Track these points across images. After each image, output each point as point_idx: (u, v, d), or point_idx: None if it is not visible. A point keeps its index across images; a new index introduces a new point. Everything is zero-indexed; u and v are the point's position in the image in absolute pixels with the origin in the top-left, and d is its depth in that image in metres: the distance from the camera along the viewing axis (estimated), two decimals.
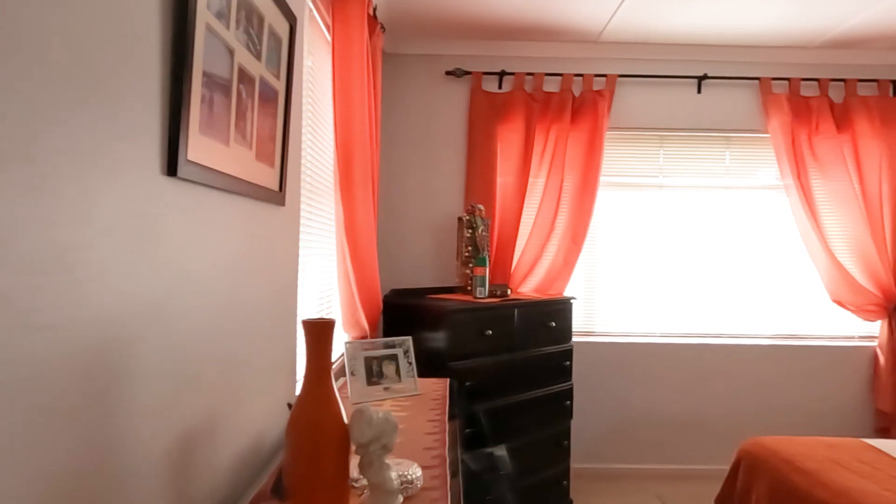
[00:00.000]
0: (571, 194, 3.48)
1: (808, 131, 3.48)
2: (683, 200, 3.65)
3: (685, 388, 3.55)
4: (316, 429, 0.96)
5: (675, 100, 3.57)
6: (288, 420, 0.98)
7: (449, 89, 3.54)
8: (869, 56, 3.53)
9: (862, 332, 3.62)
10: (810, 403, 3.55)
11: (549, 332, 2.96)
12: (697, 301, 3.64)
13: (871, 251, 3.43)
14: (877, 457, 2.32)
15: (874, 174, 3.48)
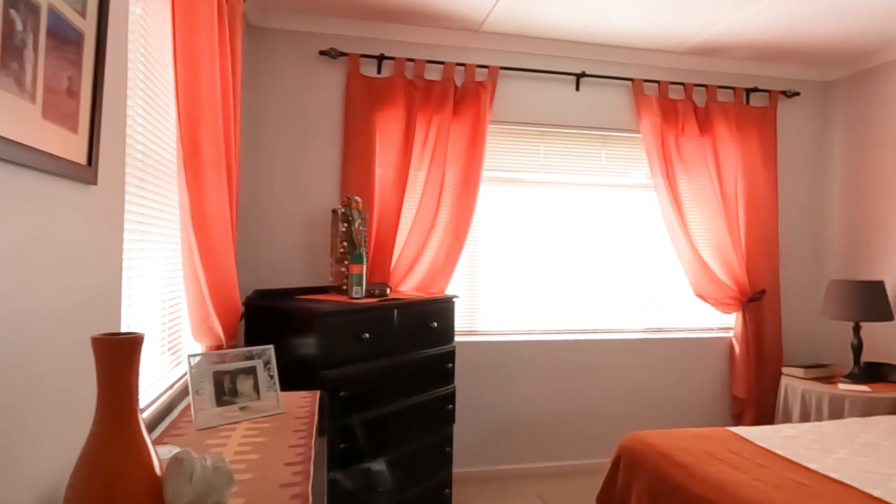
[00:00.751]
0: (453, 188, 3.34)
1: (675, 133, 3.63)
2: (563, 197, 3.66)
3: (564, 385, 3.55)
4: (111, 489, 0.68)
5: (555, 96, 3.56)
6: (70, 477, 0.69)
7: (323, 71, 3.24)
8: (727, 64, 3.75)
9: (720, 324, 3.85)
10: (677, 393, 3.71)
11: (431, 333, 2.78)
12: (576, 297, 3.67)
13: (728, 248, 3.64)
14: (743, 445, 2.41)
15: (731, 175, 3.70)
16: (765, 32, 3.29)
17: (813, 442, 2.48)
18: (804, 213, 3.95)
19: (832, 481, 2.03)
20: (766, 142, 3.77)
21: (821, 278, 3.94)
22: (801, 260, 3.94)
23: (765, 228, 3.75)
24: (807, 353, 3.92)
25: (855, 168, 3.75)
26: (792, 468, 2.16)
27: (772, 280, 3.76)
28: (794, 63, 3.79)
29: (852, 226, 3.75)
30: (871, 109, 3.65)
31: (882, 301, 3.26)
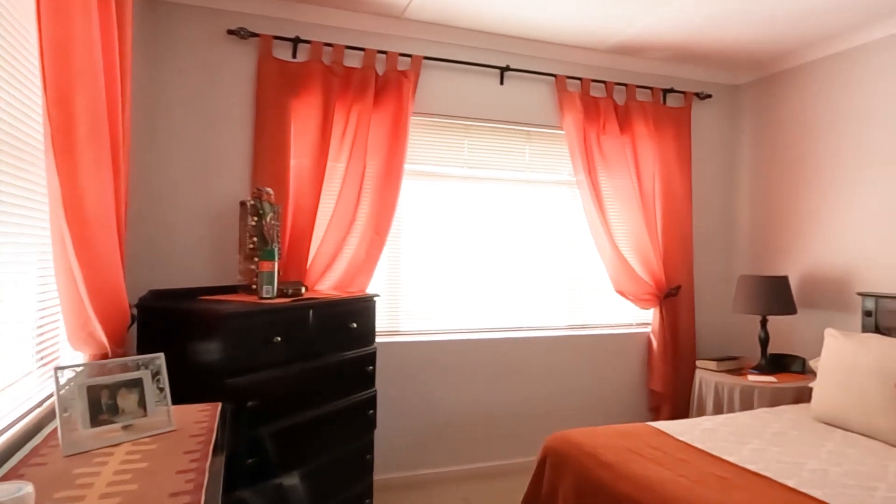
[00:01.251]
0: (374, 182, 3.18)
1: (596, 130, 3.65)
2: (487, 193, 3.59)
3: (488, 384, 3.48)
4: None
5: (480, 89, 3.48)
6: None
7: (232, 52, 2.99)
8: (645, 65, 3.82)
9: (639, 320, 3.92)
10: (599, 388, 3.74)
11: (351, 334, 2.61)
12: (500, 295, 3.61)
13: (646, 245, 3.71)
14: (665, 441, 2.42)
15: (649, 174, 3.78)
16: (680, 34, 3.36)
17: (729, 434, 2.53)
18: (716, 211, 4.10)
19: (750, 473, 2.06)
20: (681, 141, 3.87)
21: (731, 274, 4.11)
22: (714, 256, 4.09)
23: (680, 226, 3.85)
24: (719, 346, 4.08)
25: (761, 168, 3.93)
26: (712, 462, 2.17)
27: (687, 276, 3.87)
28: (706, 66, 3.92)
29: (760, 223, 3.93)
30: (775, 113, 3.83)
31: (786, 295, 3.42)
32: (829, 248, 3.45)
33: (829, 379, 2.73)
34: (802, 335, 3.58)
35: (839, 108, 3.40)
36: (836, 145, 3.42)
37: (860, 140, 3.29)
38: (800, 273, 3.62)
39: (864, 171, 3.27)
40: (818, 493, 1.90)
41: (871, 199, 3.23)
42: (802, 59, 3.61)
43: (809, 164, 3.58)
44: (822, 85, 3.51)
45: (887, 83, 3.15)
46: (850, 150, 3.34)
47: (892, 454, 2.31)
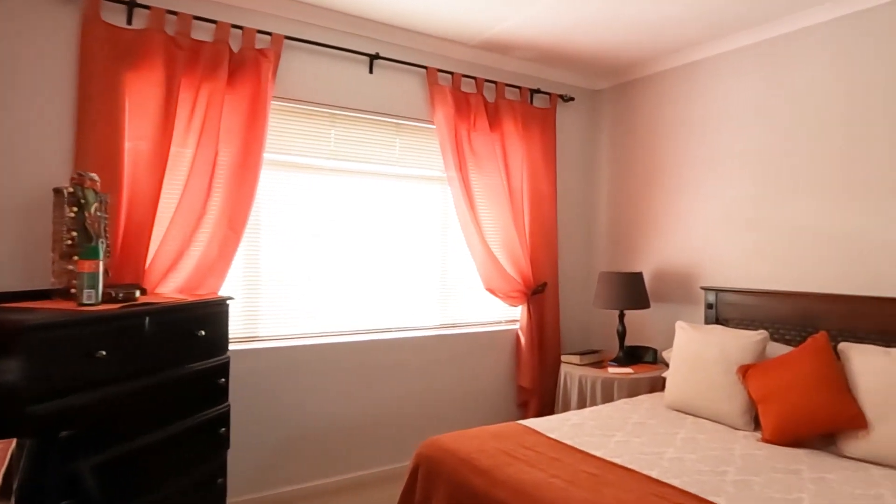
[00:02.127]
0: (229, 171, 2.84)
1: (467, 126, 3.60)
2: (355, 187, 3.39)
3: (357, 389, 3.29)
4: None
5: (348, 76, 3.27)
6: None
7: (47, 12, 2.50)
8: (514, 64, 3.85)
9: (508, 317, 3.95)
10: (470, 387, 3.70)
11: (198, 343, 2.29)
12: (368, 295, 3.43)
13: (515, 243, 3.74)
14: (536, 439, 2.40)
15: (518, 172, 3.81)
16: (545, 36, 3.41)
17: (595, 427, 2.58)
18: (578, 210, 4.26)
19: (618, 468, 2.09)
20: (547, 142, 3.96)
21: (592, 271, 4.30)
22: (576, 254, 4.25)
23: (546, 224, 3.94)
24: (581, 340, 4.24)
25: (619, 171, 4.14)
26: (582, 458, 2.18)
27: (552, 273, 3.97)
28: (570, 69, 4.05)
29: (617, 222, 4.15)
30: (630, 118, 4.05)
31: (641, 290, 3.62)
32: (677, 246, 3.71)
33: (680, 368, 2.90)
34: (655, 327, 3.82)
35: (686, 116, 3.67)
36: (683, 150, 3.68)
37: (703, 146, 3.56)
38: (652, 269, 3.86)
39: (707, 175, 3.55)
40: (678, 482, 1.96)
41: (712, 201, 3.51)
42: (655, 68, 3.85)
43: (660, 168, 3.83)
44: (671, 93, 3.77)
45: (728, 94, 3.44)
46: (695, 155, 3.61)
47: (735, 437, 2.49)
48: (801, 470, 2.11)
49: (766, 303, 3.15)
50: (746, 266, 3.32)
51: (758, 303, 3.19)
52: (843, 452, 2.26)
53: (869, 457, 2.19)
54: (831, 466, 2.15)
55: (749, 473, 2.06)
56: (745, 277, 3.32)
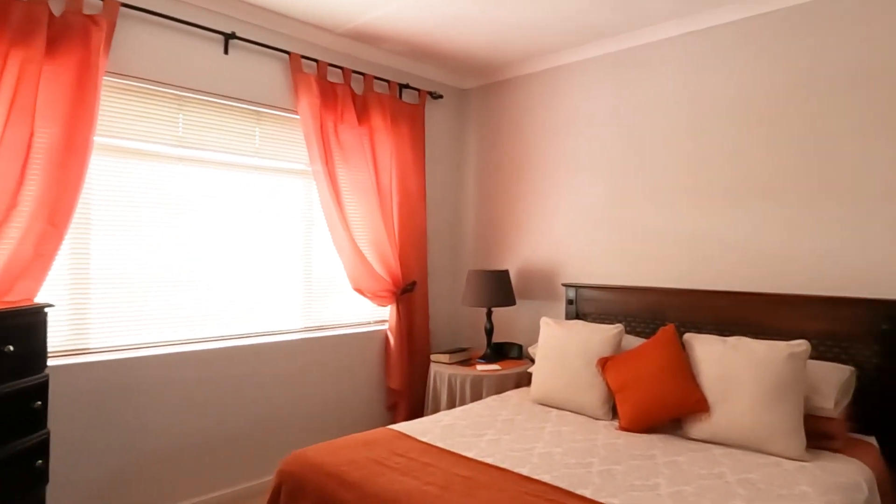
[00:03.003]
0: (49, 155, 2.41)
1: (334, 118, 3.43)
2: (209, 179, 3.06)
3: (211, 403, 2.98)
4: None
5: (199, 56, 2.95)
6: None
7: None
8: (383, 56, 3.74)
9: (377, 317, 3.84)
10: (338, 392, 3.53)
11: (5, 360, 1.90)
12: (223, 297, 3.12)
13: (384, 241, 3.63)
14: (408, 444, 2.31)
15: (387, 168, 3.71)
16: (415, 30, 3.35)
17: (466, 427, 2.56)
18: (447, 208, 4.26)
19: (491, 468, 2.07)
20: (415, 138, 3.90)
21: (460, 269, 4.32)
22: (445, 252, 4.24)
23: (415, 222, 3.88)
24: (450, 339, 4.25)
25: (485, 170, 4.20)
26: (455, 461, 2.13)
27: (421, 272, 3.92)
28: (439, 66, 4.02)
29: (484, 221, 4.21)
30: (497, 118, 4.13)
31: (507, 288, 3.70)
32: (541, 245, 3.84)
33: (545, 363, 2.99)
34: (521, 324, 3.93)
35: (549, 119, 3.81)
36: (546, 152, 3.82)
37: (564, 148, 3.72)
38: (518, 267, 3.96)
39: (567, 176, 3.70)
40: (548, 478, 1.99)
41: (573, 201, 3.67)
42: (521, 70, 3.95)
43: (525, 168, 3.94)
44: (535, 96, 3.89)
45: (586, 99, 3.62)
46: (557, 157, 3.76)
47: (597, 427, 2.60)
48: (656, 455, 2.24)
49: (621, 298, 3.36)
50: (603, 263, 3.51)
51: (613, 298, 3.39)
52: (689, 435, 2.45)
53: (711, 437, 2.39)
54: (680, 449, 2.31)
55: (611, 463, 2.15)
56: (603, 274, 3.51)
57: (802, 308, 2.72)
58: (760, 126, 2.91)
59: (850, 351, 2.61)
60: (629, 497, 1.84)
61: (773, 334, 2.78)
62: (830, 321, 2.65)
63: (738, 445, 2.32)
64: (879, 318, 2.53)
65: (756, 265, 2.92)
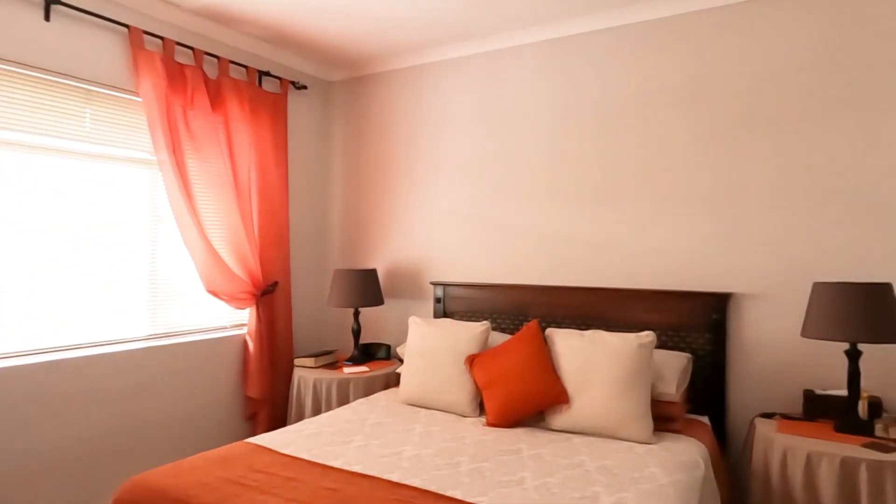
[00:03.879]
0: None
1: (183, 103, 3.11)
2: (26, 164, 2.62)
3: (35, 424, 2.55)
4: None
5: (11, 20, 2.50)
6: None
7: None
8: (240, 39, 3.47)
9: (234, 321, 3.55)
10: (189, 405, 3.21)
11: None
12: (50, 304, 2.69)
13: (242, 239, 3.37)
14: (269, 459, 2.14)
15: (245, 161, 3.44)
16: (275, 14, 3.14)
17: (333, 434, 2.44)
18: (312, 204, 4.07)
19: (359, 477, 1.98)
20: (277, 130, 3.67)
21: (326, 268, 4.15)
22: (309, 250, 4.05)
23: (277, 219, 3.66)
24: (316, 341, 4.06)
25: (352, 166, 4.07)
26: (321, 473, 2.01)
27: (283, 271, 3.70)
28: (303, 56, 3.82)
29: (351, 218, 4.08)
30: (364, 113, 4.02)
31: (375, 287, 3.61)
32: (410, 243, 3.80)
33: (413, 363, 2.95)
34: (389, 324, 3.86)
35: (417, 115, 3.78)
36: (414, 149, 3.79)
37: (432, 146, 3.71)
38: (386, 266, 3.89)
39: (435, 174, 3.70)
40: (418, 482, 1.94)
41: (440, 199, 3.68)
42: (389, 65, 3.87)
43: (393, 165, 3.88)
44: (404, 92, 3.84)
45: (453, 98, 3.64)
46: (425, 155, 3.74)
47: (465, 425, 2.61)
48: (522, 449, 2.29)
49: (488, 295, 3.42)
50: (471, 262, 3.56)
51: (480, 295, 3.44)
52: (552, 426, 2.54)
53: (571, 427, 2.50)
54: (544, 441, 2.38)
55: (480, 460, 2.16)
56: (470, 272, 3.56)
57: (650, 302, 2.96)
58: (614, 131, 3.11)
59: (688, 339, 2.88)
60: (497, 494, 1.85)
61: (626, 327, 2.99)
62: (672, 313, 2.90)
63: (595, 433, 2.45)
64: (710, 309, 2.81)
65: (611, 262, 3.12)
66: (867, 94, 2.54)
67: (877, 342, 2.18)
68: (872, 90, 2.53)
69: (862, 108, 2.55)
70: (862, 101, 2.55)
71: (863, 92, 2.55)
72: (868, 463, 2.03)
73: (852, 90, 2.57)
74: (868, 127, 2.54)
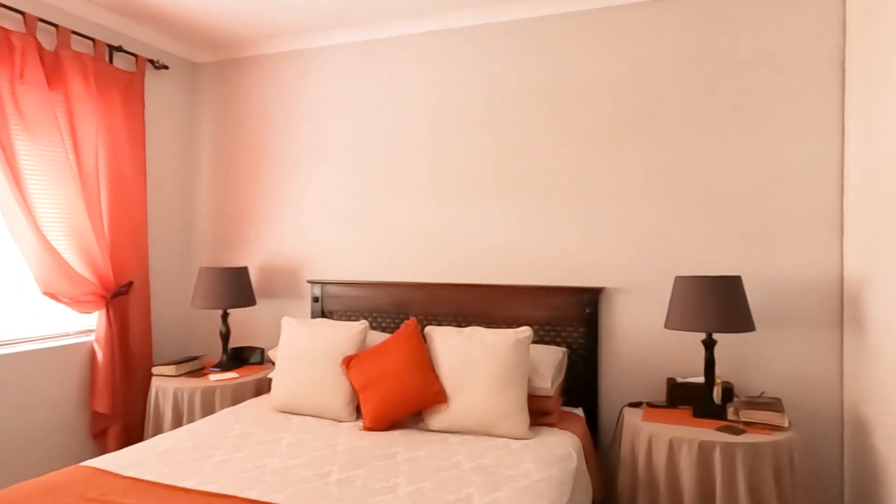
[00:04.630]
0: None
1: (10, 76, 2.68)
2: None
3: None
4: None
5: None
6: None
7: None
8: (85, 8, 3.06)
9: (80, 327, 3.14)
10: (23, 425, 2.77)
11: None
12: None
13: (88, 234, 2.98)
14: (110, 484, 1.87)
15: (91, 146, 3.05)
16: None
17: (190, 450, 2.19)
18: (175, 196, 3.71)
19: (214, 497, 1.78)
20: (132, 113, 3.29)
21: (191, 266, 3.80)
22: (172, 247, 3.69)
23: (132, 212, 3.28)
24: (180, 347, 3.71)
25: (222, 155, 3.76)
26: (169, 496, 1.78)
27: (140, 271, 3.33)
28: (163, 32, 3.46)
29: (221, 212, 3.76)
30: (236, 99, 3.73)
31: (246, 286, 3.35)
32: (286, 238, 3.57)
33: (286, 366, 2.75)
34: (263, 325, 3.61)
35: (294, 104, 3.56)
36: (291, 139, 3.56)
37: (310, 137, 3.51)
38: (259, 263, 3.63)
39: (314, 166, 3.51)
40: (280, 498, 1.78)
41: (319, 193, 3.49)
42: (265, 49, 3.61)
43: (268, 155, 3.63)
44: (281, 78, 3.60)
45: (333, 87, 3.46)
46: (303, 146, 3.53)
47: (340, 430, 2.46)
48: (398, 453, 2.19)
49: (368, 293, 3.29)
50: (350, 259, 3.41)
51: (360, 294, 3.30)
52: (430, 427, 2.47)
53: (449, 427, 2.44)
54: (421, 443, 2.30)
55: (352, 468, 2.03)
56: (350, 270, 3.41)
57: (528, 297, 2.98)
58: (492, 128, 3.11)
59: (563, 334, 2.94)
60: None
61: (506, 322, 2.99)
62: (550, 308, 2.95)
63: (473, 431, 2.41)
64: (584, 304, 2.89)
65: (492, 259, 3.11)
66: (726, 100, 2.72)
67: (729, 331, 2.33)
68: (730, 96, 2.71)
69: (720, 114, 2.73)
70: (721, 106, 2.73)
71: (722, 98, 2.73)
72: (722, 445, 2.15)
73: (714, 96, 2.74)
74: (725, 132, 2.72)
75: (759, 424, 2.29)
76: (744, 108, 2.69)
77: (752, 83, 2.67)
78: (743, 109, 2.69)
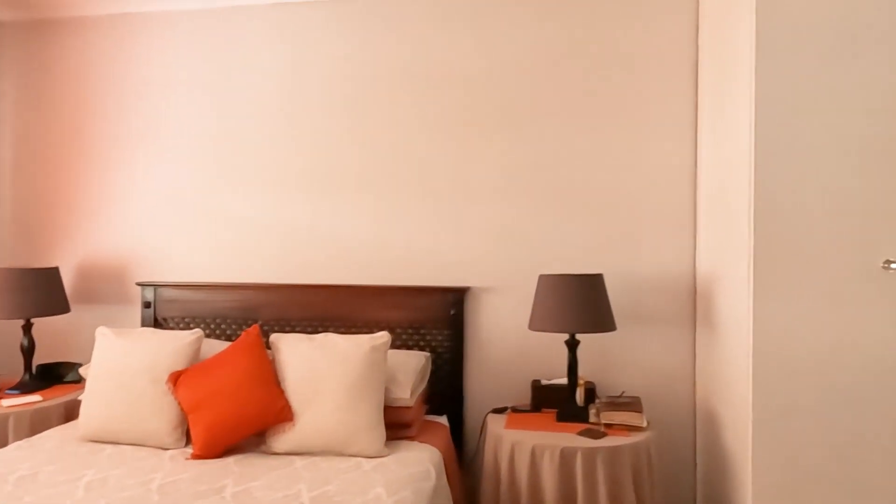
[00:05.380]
0: None
1: None
2: None
3: None
4: None
5: None
6: None
7: None
8: None
9: None
10: None
11: None
12: None
13: None
14: None
15: None
16: None
17: None
18: None
19: None
20: None
21: None
22: None
23: None
24: None
25: (29, 135, 3.15)
26: None
27: None
28: None
29: (27, 202, 3.15)
30: (49, 68, 3.13)
31: (58, 291, 2.81)
32: (111, 234, 3.06)
33: (99, 386, 2.30)
34: (81, 337, 3.07)
35: (122, 78, 3.05)
36: (118, 119, 3.05)
37: (142, 117, 3.03)
38: (77, 263, 3.08)
39: (147, 153, 3.03)
40: None
41: (153, 183, 3.02)
42: (84, 9, 3.05)
43: (89, 137, 3.08)
44: (105, 45, 3.07)
45: (174, 60, 3.00)
46: (133, 127, 3.04)
47: (162, 461, 2.08)
48: (226, 486, 1.86)
49: (209, 297, 2.89)
50: (190, 257, 2.98)
51: (201, 297, 2.90)
52: (273, 449, 2.16)
53: (295, 448, 2.15)
54: (259, 471, 1.99)
55: None
56: (189, 270, 2.98)
57: (389, 298, 2.76)
58: (347, 116, 2.84)
59: (428, 337, 2.75)
60: None
61: (366, 326, 2.75)
62: (412, 310, 2.74)
63: (322, 452, 2.14)
64: (449, 305, 2.72)
65: (349, 258, 2.85)
66: (585, 97, 2.67)
67: (591, 332, 2.26)
68: (589, 94, 2.66)
69: (580, 111, 2.67)
70: (587, 102, 2.67)
71: (581, 94, 2.67)
72: (583, 451, 2.07)
73: (578, 91, 2.68)
74: (584, 129, 2.67)
75: (619, 426, 2.24)
76: (602, 106, 2.65)
77: (611, 81, 2.64)
78: (602, 108, 2.65)
